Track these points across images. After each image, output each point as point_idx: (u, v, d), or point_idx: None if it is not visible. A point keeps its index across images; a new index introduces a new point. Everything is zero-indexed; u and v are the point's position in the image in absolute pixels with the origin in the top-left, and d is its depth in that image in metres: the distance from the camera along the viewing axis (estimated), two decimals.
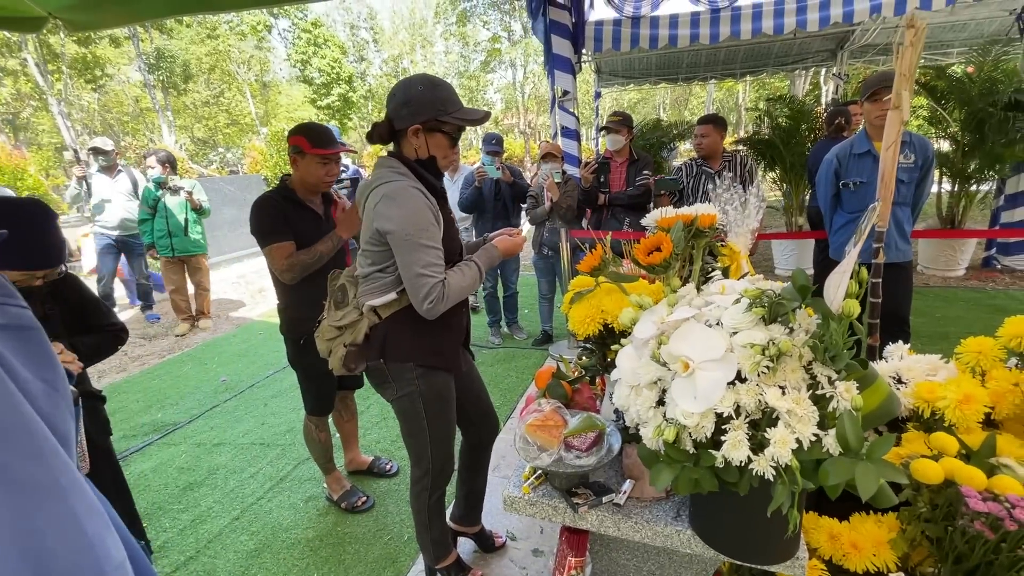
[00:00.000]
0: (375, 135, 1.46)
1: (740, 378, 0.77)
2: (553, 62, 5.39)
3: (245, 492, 2.49)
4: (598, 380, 1.59)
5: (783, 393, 0.72)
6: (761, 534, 0.91)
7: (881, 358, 1.49)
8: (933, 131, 5.17)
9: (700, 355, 0.78)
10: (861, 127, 2.69)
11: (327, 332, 1.54)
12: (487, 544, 1.96)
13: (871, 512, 1.16)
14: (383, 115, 1.45)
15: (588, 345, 1.38)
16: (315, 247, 1.92)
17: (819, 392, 0.73)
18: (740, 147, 6.32)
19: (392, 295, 1.44)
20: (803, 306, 0.84)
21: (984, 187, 5.17)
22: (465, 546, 1.98)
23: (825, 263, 3.34)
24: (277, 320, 2.15)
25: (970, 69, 5.00)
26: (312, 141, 1.91)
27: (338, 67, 25.09)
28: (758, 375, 0.74)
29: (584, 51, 5.74)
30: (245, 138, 23.55)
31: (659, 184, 3.37)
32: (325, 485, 2.39)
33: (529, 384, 3.46)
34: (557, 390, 1.39)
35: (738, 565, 1.27)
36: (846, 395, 0.69)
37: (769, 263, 6.03)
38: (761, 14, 5.08)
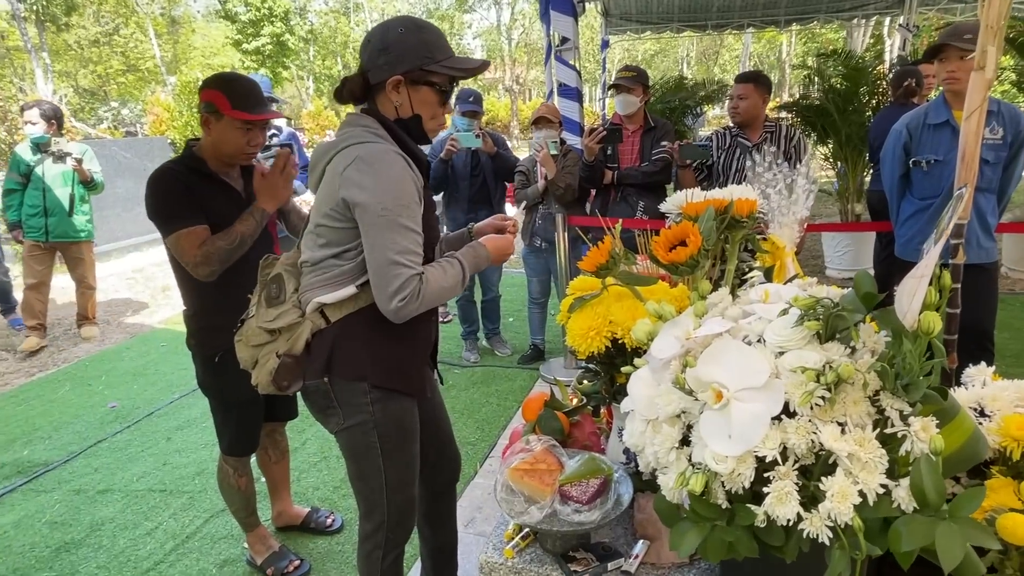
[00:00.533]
0: (345, 92, 1.46)
1: (788, 412, 0.76)
2: (549, 1, 5.42)
3: (140, 555, 2.44)
4: (603, 411, 1.59)
5: (843, 432, 0.72)
6: None
7: (959, 384, 1.51)
8: (1022, 99, 5.30)
9: (737, 382, 0.78)
10: (939, 92, 2.74)
11: (254, 336, 1.50)
12: None
13: None
14: (327, 64, 1.46)
15: (591, 366, 1.37)
16: (233, 228, 1.88)
17: (887, 431, 0.73)
18: (785, 114, 6.41)
19: (350, 289, 1.41)
20: (868, 320, 0.84)
21: None
22: None
23: (890, 262, 3.40)
24: (182, 329, 2.12)
25: None
26: (232, 100, 1.87)
27: (270, 0, 24.83)
28: (811, 408, 0.74)
29: None
30: (147, 90, 23.19)
31: (683, 152, 3.38)
32: (246, 545, 2.35)
33: (514, 414, 3.46)
34: (551, 423, 1.38)
35: None
36: (923, 435, 0.69)
37: (819, 262, 6.13)
38: None
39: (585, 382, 1.55)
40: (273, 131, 3.91)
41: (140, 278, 7.19)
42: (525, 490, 1.17)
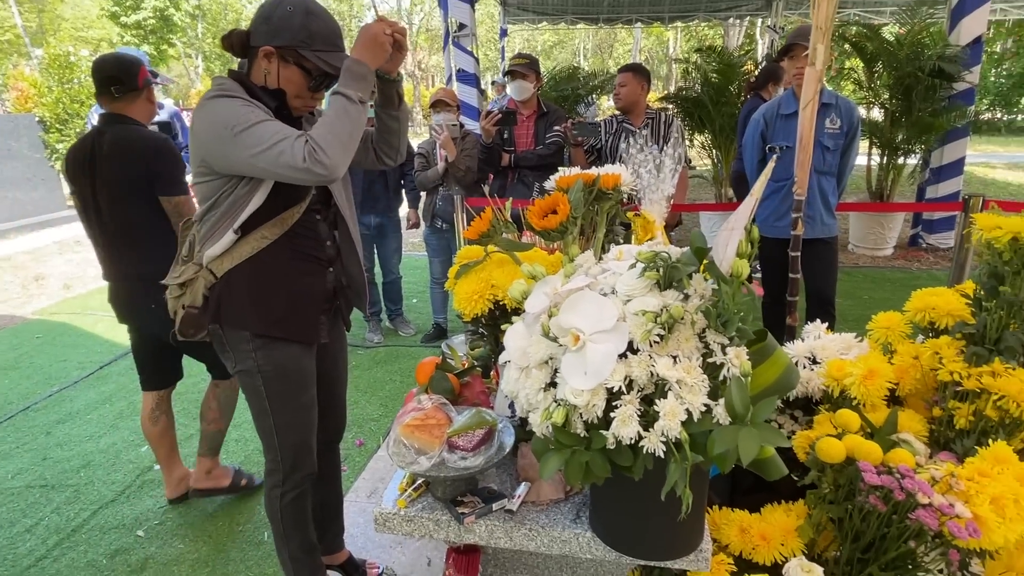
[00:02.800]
0: (229, 40, 1.47)
1: (632, 350, 0.87)
2: None
3: (18, 552, 2.27)
4: (492, 373, 1.67)
5: (675, 363, 0.84)
6: (660, 528, 1.04)
7: (800, 338, 1.73)
8: (862, 95, 5.92)
9: (591, 326, 0.87)
10: (790, 86, 3.02)
11: (173, 291, 1.60)
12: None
13: (782, 503, 1.36)
14: (218, 42, 1.47)
15: (478, 329, 1.45)
16: None
17: (712, 360, 0.85)
18: (668, 105, 6.77)
19: (229, 236, 1.44)
20: (701, 271, 0.96)
21: (912, 160, 6.05)
22: None
23: None
24: (62, 319, 2.00)
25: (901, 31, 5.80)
26: None
27: None
28: (650, 344, 0.85)
29: None
30: (7, 63, 20.62)
31: (577, 129, 3.54)
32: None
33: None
34: (442, 384, 1.44)
35: (647, 571, 1.42)
36: (736, 361, 0.82)
37: None
38: None
39: (476, 348, 1.63)
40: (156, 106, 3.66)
41: (7, 267, 6.50)
42: (416, 443, 1.23)
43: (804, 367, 1.60)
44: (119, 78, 2.15)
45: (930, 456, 1.34)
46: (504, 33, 10.18)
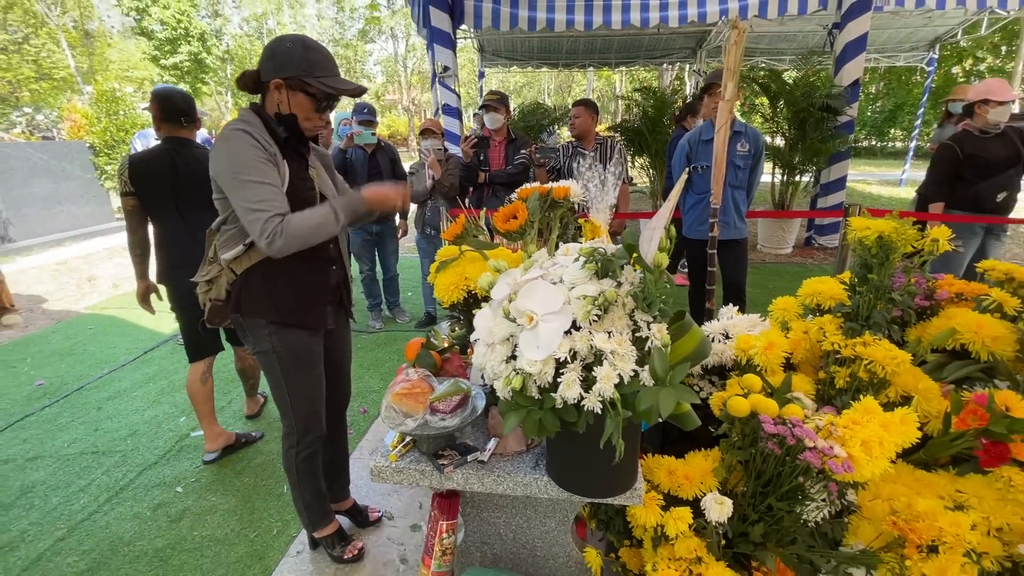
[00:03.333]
0: (243, 80, 1.46)
1: (575, 327, 0.87)
2: (431, 36, 5.32)
3: (73, 508, 2.19)
4: (468, 350, 1.66)
5: (609, 337, 0.84)
6: (602, 472, 1.04)
7: (716, 318, 1.75)
8: (767, 126, 6.03)
9: (542, 308, 0.87)
10: (709, 118, 3.05)
11: (201, 287, 1.59)
12: (361, 519, 1.98)
13: (701, 450, 1.38)
14: None
15: (456, 314, 1.43)
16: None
17: (639, 335, 0.85)
18: (614, 134, 6.80)
19: (239, 248, 1.44)
20: (631, 263, 0.96)
21: (806, 178, 6.19)
22: (344, 523, 1.96)
23: (680, 239, 3.78)
24: (111, 312, 1.95)
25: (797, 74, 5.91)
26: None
27: (186, 21, 21.93)
28: (590, 323, 0.84)
29: (464, 27, 5.74)
30: (62, 97, 19.80)
31: (540, 152, 3.56)
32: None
33: None
34: (426, 360, 1.43)
35: (594, 508, 1.43)
36: (658, 335, 0.82)
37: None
38: (629, 6, 5.50)
39: (456, 329, 1.61)
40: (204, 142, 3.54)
41: (64, 270, 6.24)
42: (404, 408, 1.21)
43: (720, 341, 1.62)
44: (188, 112, 2.25)
45: (817, 410, 1.37)
46: (482, 75, 10.10)
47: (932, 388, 1.38)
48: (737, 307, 1.78)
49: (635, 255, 0.91)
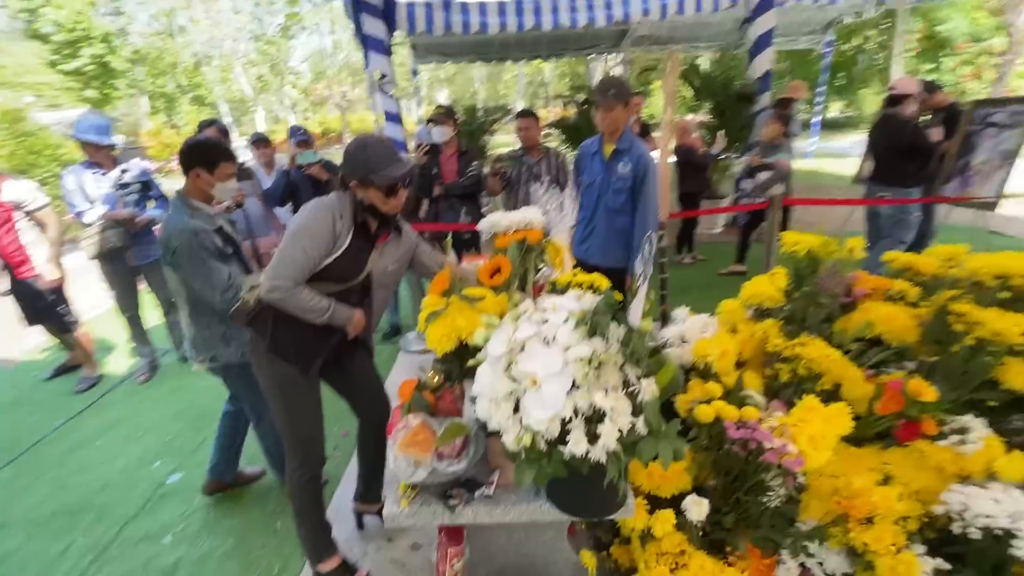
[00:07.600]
0: (340, 180, 1.63)
1: (575, 385, 0.95)
2: (366, 43, 5.15)
3: None
4: (456, 385, 1.71)
5: (606, 393, 0.93)
6: (601, 497, 1.14)
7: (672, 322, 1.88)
8: (692, 116, 6.32)
9: (544, 371, 0.95)
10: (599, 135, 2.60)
11: (247, 291, 1.71)
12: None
13: None
14: (159, 83, 1.56)
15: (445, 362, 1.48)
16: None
17: (631, 389, 0.95)
18: (551, 130, 6.88)
19: None
20: (615, 319, 1.05)
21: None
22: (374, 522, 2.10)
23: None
24: (54, 356, 1.89)
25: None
26: None
27: (84, 22, 19.77)
28: (588, 382, 0.93)
29: (398, 32, 5.60)
30: None
31: (500, 160, 3.64)
32: None
33: (385, 376, 3.44)
34: (420, 403, 1.47)
35: (591, 524, 1.54)
36: (648, 389, 0.92)
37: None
38: (558, 8, 5.56)
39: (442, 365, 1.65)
40: (124, 167, 3.30)
41: None
42: (412, 457, 1.26)
43: (677, 346, 1.75)
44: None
45: (767, 403, 1.54)
46: (415, 73, 9.87)
47: (857, 376, 1.59)
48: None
49: (618, 312, 1.01)
